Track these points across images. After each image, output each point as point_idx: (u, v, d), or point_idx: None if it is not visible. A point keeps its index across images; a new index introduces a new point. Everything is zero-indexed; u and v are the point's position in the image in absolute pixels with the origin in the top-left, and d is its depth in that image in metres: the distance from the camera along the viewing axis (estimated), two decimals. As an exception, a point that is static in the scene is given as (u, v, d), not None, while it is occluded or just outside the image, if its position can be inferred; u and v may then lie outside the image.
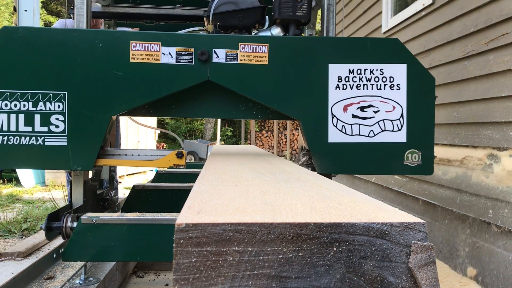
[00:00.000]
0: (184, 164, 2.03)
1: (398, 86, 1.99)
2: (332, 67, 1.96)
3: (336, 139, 1.98)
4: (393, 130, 2.00)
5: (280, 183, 0.97)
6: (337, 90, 1.97)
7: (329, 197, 0.76)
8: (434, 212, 3.27)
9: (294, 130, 14.78)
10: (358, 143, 1.99)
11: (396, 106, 2.00)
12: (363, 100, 1.98)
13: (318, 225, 0.57)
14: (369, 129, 1.99)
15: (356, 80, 1.98)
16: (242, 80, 1.93)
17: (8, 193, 6.18)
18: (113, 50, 1.87)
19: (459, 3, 3.06)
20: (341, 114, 1.98)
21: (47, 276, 1.92)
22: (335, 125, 1.98)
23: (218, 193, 0.79)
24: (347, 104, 1.98)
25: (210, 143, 14.65)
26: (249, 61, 1.94)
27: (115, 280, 2.22)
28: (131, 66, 1.88)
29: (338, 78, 1.97)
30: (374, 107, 1.99)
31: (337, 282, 0.58)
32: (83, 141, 1.87)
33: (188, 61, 1.90)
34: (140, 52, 1.89)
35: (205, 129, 20.01)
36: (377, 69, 1.97)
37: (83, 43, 1.85)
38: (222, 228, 0.58)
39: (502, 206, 2.47)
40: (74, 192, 2.11)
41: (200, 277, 0.57)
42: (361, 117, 1.98)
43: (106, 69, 1.86)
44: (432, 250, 0.57)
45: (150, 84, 1.89)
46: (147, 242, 1.62)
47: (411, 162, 2.02)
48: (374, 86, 1.98)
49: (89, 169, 1.92)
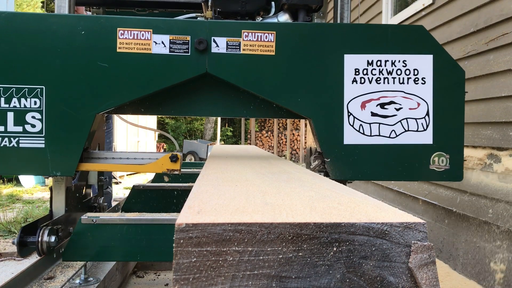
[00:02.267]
0: (179, 168, 2.08)
1: (423, 79, 2.06)
2: (348, 58, 2.03)
3: (353, 141, 2.05)
4: (418, 130, 2.07)
5: (280, 183, 1.11)
6: (354, 84, 2.04)
7: (329, 197, 0.90)
8: (434, 212, 3.73)
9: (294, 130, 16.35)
10: (378, 145, 2.05)
11: (421, 103, 2.07)
12: (383, 96, 2.05)
13: (318, 225, 0.70)
14: (390, 129, 2.06)
15: (375, 73, 2.04)
16: (245, 72, 2.00)
17: (8, 193, 6.89)
18: (98, 38, 1.93)
19: (459, 3, 3.48)
20: (358, 112, 2.04)
21: (47, 276, 2.09)
22: (352, 124, 2.04)
23: (218, 193, 0.92)
24: (365, 101, 2.05)
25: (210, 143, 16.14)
26: (254, 51, 2.00)
27: (115, 280, 2.44)
28: (118, 57, 1.93)
29: (355, 71, 2.04)
30: (396, 104, 2.06)
31: (337, 282, 0.70)
32: (64, 143, 1.93)
33: (183, 51, 1.96)
34: (128, 41, 1.95)
35: (205, 129, 22.17)
36: (400, 60, 2.05)
37: (63, 30, 1.91)
38: (222, 228, 0.69)
39: (502, 206, 2.82)
40: (54, 201, 2.18)
41: (200, 277, 0.69)
42: (381, 115, 2.05)
43: (89, 61, 1.92)
44: (432, 250, 0.70)
45: (140, 78, 1.95)
46: (147, 242, 1.81)
47: (438, 167, 2.09)
48: (396, 80, 2.05)
49: (70, 174, 1.98)
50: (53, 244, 1.98)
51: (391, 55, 2.05)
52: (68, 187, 2.23)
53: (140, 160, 2.11)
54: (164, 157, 2.09)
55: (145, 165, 2.10)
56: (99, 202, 2.81)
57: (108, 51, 1.94)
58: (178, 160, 2.09)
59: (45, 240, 1.93)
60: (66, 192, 2.19)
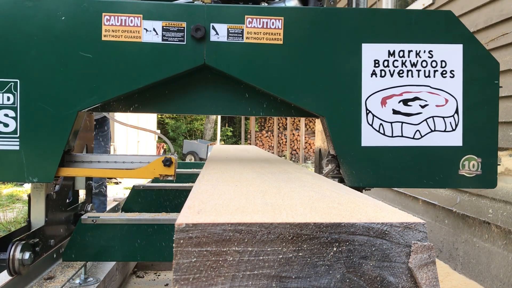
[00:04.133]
0: (173, 174, 2.13)
1: (452, 72, 2.13)
2: (366, 48, 2.10)
3: (372, 142, 2.12)
4: (445, 130, 2.14)
5: (280, 183, 1.29)
6: (373, 78, 2.10)
7: (329, 197, 1.05)
8: (434, 212, 4.22)
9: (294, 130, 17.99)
10: (400, 147, 2.13)
11: (449, 99, 2.14)
12: (406, 91, 2.12)
13: (318, 225, 0.84)
14: (414, 129, 2.13)
15: (397, 65, 2.11)
16: (248, 64, 2.06)
17: (8, 193, 7.73)
18: (80, 24, 1.99)
19: (459, 3, 3.88)
20: (378, 109, 2.12)
21: (47, 276, 2.33)
22: (371, 123, 2.12)
23: (218, 193, 1.09)
24: (386, 96, 2.12)
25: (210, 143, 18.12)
26: (258, 39, 2.05)
27: (115, 280, 2.69)
28: (104, 46, 1.99)
29: (375, 63, 2.11)
30: (421, 100, 2.12)
31: (337, 282, 0.84)
32: (41, 145, 1.99)
33: (178, 40, 2.01)
34: (115, 28, 2.00)
35: (205, 129, 24.64)
36: (425, 50, 2.12)
37: (40, 16, 1.96)
38: (222, 228, 0.83)
39: (502, 207, 3.18)
40: (33, 210, 2.27)
41: (200, 277, 0.82)
42: (404, 113, 2.12)
43: (70, 50, 1.98)
44: (432, 250, 0.84)
45: (129, 70, 2.01)
46: (147, 242, 2.02)
47: (468, 172, 2.16)
48: (421, 72, 2.12)
49: (49, 180, 2.03)
50: (27, 262, 2.02)
51: (416, 45, 2.11)
52: (49, 194, 2.31)
53: (129, 164, 2.17)
54: (157, 161, 2.14)
55: (135, 170, 2.15)
56: (87, 210, 2.93)
57: (91, 40, 1.99)
58: (173, 164, 2.12)
59: (18, 257, 1.96)
60: (46, 200, 2.26)
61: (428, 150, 2.15)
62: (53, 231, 2.37)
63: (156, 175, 2.13)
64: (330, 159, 2.24)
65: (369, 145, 2.13)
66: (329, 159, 2.25)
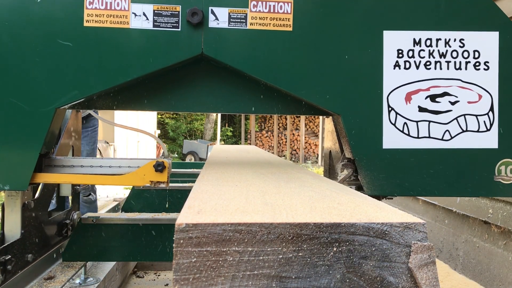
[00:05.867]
0: (166, 181, 1.93)
1: (487, 64, 1.93)
2: (389, 36, 1.89)
3: (395, 144, 1.92)
4: (479, 130, 1.94)
5: (280, 183, 1.30)
6: (396, 70, 1.90)
7: (329, 197, 1.06)
8: (434, 212, 4.25)
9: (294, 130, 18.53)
10: (427, 150, 1.93)
11: (483, 95, 1.94)
12: (434, 85, 1.92)
13: (318, 225, 0.84)
14: (443, 129, 1.93)
15: (424, 56, 1.91)
16: (253, 54, 1.86)
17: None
18: (59, 8, 1.79)
19: None
20: (402, 106, 1.91)
21: (47, 276, 2.33)
22: (393, 122, 1.92)
23: (218, 193, 1.09)
24: (411, 92, 1.92)
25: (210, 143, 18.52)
26: (264, 25, 1.85)
27: (115, 280, 2.70)
28: (86, 33, 1.79)
29: (398, 53, 1.90)
30: (450, 96, 1.92)
31: (337, 282, 0.84)
32: (13, 147, 1.80)
33: (171, 26, 1.82)
34: (99, 12, 1.80)
35: (205, 129, 25.19)
36: (456, 38, 1.91)
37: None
38: (222, 228, 0.83)
39: (502, 207, 3.21)
40: (7, 221, 2.04)
41: (200, 277, 0.83)
42: (431, 110, 1.92)
43: (47, 38, 1.78)
44: (432, 250, 0.84)
45: (115, 61, 1.81)
46: (147, 242, 2.00)
47: (504, 178, 1.95)
48: (451, 64, 1.92)
49: (22, 188, 1.85)
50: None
51: (445, 32, 1.91)
52: (26, 203, 2.12)
53: (117, 169, 1.98)
54: (147, 166, 1.93)
55: (122, 176, 1.94)
56: (73, 218, 2.69)
57: (72, 26, 1.79)
58: (165, 169, 1.92)
59: None
60: (22, 210, 2.06)
61: (459, 153, 1.94)
62: (31, 244, 2.18)
63: (147, 181, 1.92)
64: (346, 163, 2.04)
65: (392, 147, 1.92)
66: (345, 163, 2.04)
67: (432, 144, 1.93)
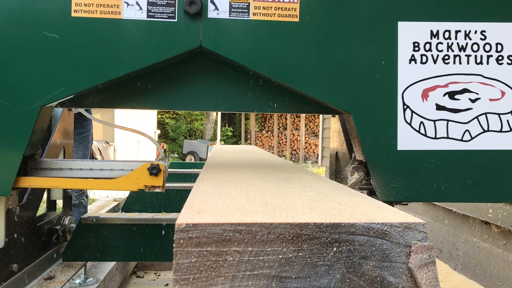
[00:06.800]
0: (161, 185, 1.80)
1: (510, 58, 1.81)
2: (404, 27, 1.77)
3: (410, 145, 1.79)
4: (501, 130, 1.83)
5: (280, 183, 1.30)
6: (412, 65, 1.78)
7: (329, 197, 1.06)
8: (434, 212, 4.32)
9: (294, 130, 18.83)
10: (446, 152, 1.81)
11: (506, 91, 1.82)
12: (453, 81, 1.80)
13: (318, 225, 0.84)
14: (463, 129, 1.81)
15: (442, 49, 1.79)
16: (256, 47, 1.73)
17: None
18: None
19: None
20: (418, 104, 1.80)
21: (47, 276, 2.33)
22: (409, 121, 1.80)
23: (218, 193, 1.09)
24: (428, 88, 1.80)
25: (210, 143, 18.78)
26: (269, 16, 1.72)
27: (115, 280, 2.71)
28: (74, 24, 1.66)
29: (414, 46, 1.78)
30: (471, 93, 1.81)
31: (337, 282, 0.84)
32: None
33: (167, 16, 1.69)
34: (88, 1, 1.67)
35: (205, 129, 25.60)
36: (477, 30, 1.79)
37: None
38: (222, 228, 0.84)
39: (501, 206, 3.27)
40: None
41: (200, 277, 0.83)
42: (450, 108, 1.80)
43: (31, 29, 1.65)
44: (432, 250, 0.84)
45: (105, 55, 1.68)
46: (147, 242, 1.98)
47: None
48: (472, 58, 1.80)
49: (4, 194, 1.73)
50: None
51: (465, 23, 1.78)
52: (10, 209, 1.98)
53: (108, 172, 1.85)
54: (141, 169, 1.79)
55: (114, 180, 1.80)
56: (64, 224, 2.56)
57: (58, 16, 1.66)
58: (161, 173, 1.78)
59: None
60: (7, 217, 1.93)
61: (480, 155, 1.80)
62: (16, 254, 2.04)
63: (140, 186, 1.78)
64: (357, 166, 1.91)
65: (407, 148, 1.79)
66: (355, 166, 1.92)
67: (451, 145, 1.81)
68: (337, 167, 2.76)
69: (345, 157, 2.46)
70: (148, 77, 1.84)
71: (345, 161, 2.48)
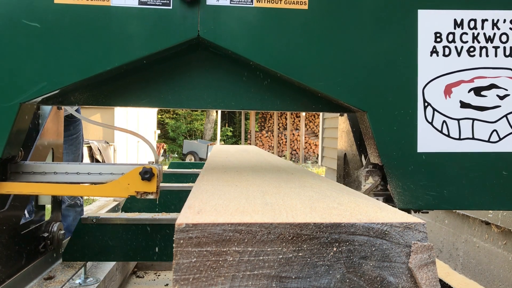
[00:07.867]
0: (155, 191, 1.64)
1: None
2: (424, 16, 1.60)
3: (432, 147, 1.64)
4: None
5: (280, 183, 1.31)
6: (433, 57, 1.62)
7: (329, 197, 1.07)
8: (435, 212, 4.31)
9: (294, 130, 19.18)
10: (471, 154, 1.65)
11: None
12: (479, 76, 1.64)
13: (318, 225, 0.84)
14: (490, 129, 1.65)
15: (467, 40, 1.63)
16: (260, 38, 1.55)
17: None
18: None
19: None
20: (440, 101, 1.64)
21: (47, 276, 2.33)
22: (430, 121, 1.64)
23: (218, 193, 1.10)
24: (451, 84, 1.64)
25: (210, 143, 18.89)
26: (274, 3, 1.55)
27: (115, 280, 2.70)
28: (57, 12, 1.48)
29: (436, 36, 1.62)
30: (499, 89, 1.65)
31: (337, 282, 0.84)
32: None
33: (161, 3, 1.51)
34: None
35: (205, 129, 25.88)
36: (505, 19, 1.62)
37: None
38: (222, 228, 0.84)
39: None
40: None
41: (200, 277, 0.84)
42: (476, 106, 1.64)
43: (9, 18, 1.47)
44: (432, 250, 0.84)
45: (92, 46, 1.50)
46: (147, 242, 1.98)
47: None
48: (500, 50, 1.63)
49: None
50: None
51: (493, 11, 1.61)
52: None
53: (97, 176, 1.70)
54: (132, 173, 1.63)
55: (102, 185, 1.65)
56: (52, 231, 2.39)
57: (40, 3, 1.48)
58: (154, 177, 1.62)
59: None
60: None
61: (509, 157, 1.65)
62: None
63: (131, 192, 1.62)
64: (371, 169, 1.76)
65: (428, 150, 1.63)
66: (370, 169, 1.77)
67: (477, 147, 1.64)
68: (345, 170, 2.61)
69: (354, 159, 2.35)
70: (140, 72, 1.67)
71: (355, 163, 2.37)
